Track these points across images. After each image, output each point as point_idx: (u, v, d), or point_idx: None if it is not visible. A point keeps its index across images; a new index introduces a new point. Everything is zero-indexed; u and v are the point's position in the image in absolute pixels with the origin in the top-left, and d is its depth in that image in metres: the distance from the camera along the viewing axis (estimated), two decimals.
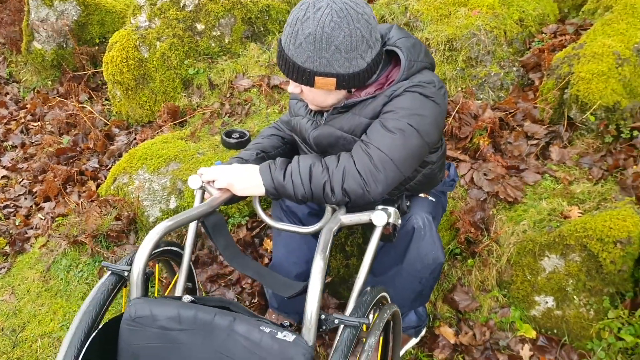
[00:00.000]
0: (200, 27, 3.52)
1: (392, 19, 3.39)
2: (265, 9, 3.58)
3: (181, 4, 3.53)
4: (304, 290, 1.81)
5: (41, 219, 2.96)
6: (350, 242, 2.57)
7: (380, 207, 1.74)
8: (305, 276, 2.15)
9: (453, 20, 3.24)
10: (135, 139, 3.36)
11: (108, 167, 3.26)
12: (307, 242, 2.23)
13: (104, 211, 2.71)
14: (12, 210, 3.09)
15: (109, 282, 1.58)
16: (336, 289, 2.60)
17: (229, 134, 2.90)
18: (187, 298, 1.57)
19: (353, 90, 1.76)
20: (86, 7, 4.22)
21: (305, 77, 1.64)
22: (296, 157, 1.74)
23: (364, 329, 1.51)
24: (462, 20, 3.22)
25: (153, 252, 1.57)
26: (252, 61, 3.48)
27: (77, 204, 2.89)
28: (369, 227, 1.74)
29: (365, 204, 1.70)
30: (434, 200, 2.14)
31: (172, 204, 2.73)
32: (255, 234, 2.75)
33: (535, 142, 2.82)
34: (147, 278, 1.58)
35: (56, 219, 2.90)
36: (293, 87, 1.76)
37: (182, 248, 1.89)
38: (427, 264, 2.00)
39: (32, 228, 2.94)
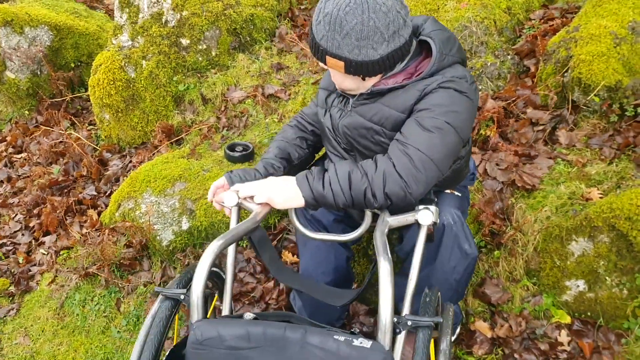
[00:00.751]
0: (185, 42, 3.44)
1: None
2: (249, 18, 3.52)
3: (163, 20, 3.44)
4: (356, 297, 1.79)
5: (44, 254, 2.84)
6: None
7: (421, 206, 1.72)
8: (334, 285, 2.12)
9: (442, 14, 3.24)
10: (131, 162, 3.26)
11: (107, 194, 3.14)
12: (334, 252, 2.19)
13: (112, 239, 2.61)
14: (10, 248, 2.96)
15: (165, 309, 1.52)
16: (363, 295, 2.55)
17: (232, 148, 2.86)
18: (250, 315, 1.52)
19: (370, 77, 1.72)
20: (58, 31, 4.09)
21: (319, 54, 1.67)
22: (332, 165, 1.69)
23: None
24: (452, 14, 3.21)
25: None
26: (243, 72, 3.42)
27: (82, 235, 2.78)
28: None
29: (405, 205, 1.67)
30: (460, 195, 2.12)
31: (185, 225, 2.64)
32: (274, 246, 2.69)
33: (541, 127, 2.83)
34: (206, 300, 1.51)
35: (61, 253, 2.78)
36: (321, 64, 1.75)
37: (220, 269, 1.83)
38: (461, 260, 1.98)
39: (35, 265, 2.81)
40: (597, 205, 2.27)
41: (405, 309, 1.63)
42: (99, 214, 2.99)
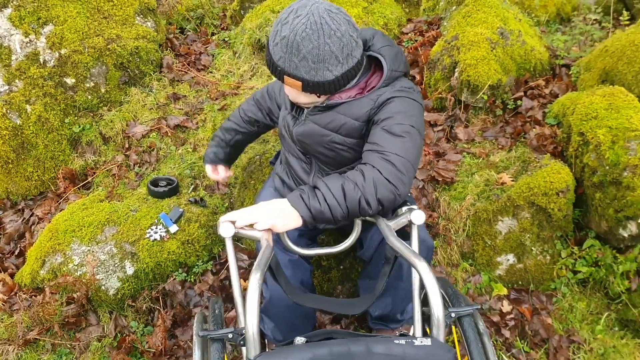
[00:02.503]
0: (70, 81, 3.23)
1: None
2: (134, 51, 3.41)
3: (41, 60, 3.21)
4: (371, 304, 1.87)
5: None
6: (326, 256, 2.62)
7: (404, 208, 1.86)
8: None
9: None
10: (33, 214, 2.98)
11: (14, 253, 2.84)
12: (301, 268, 2.25)
13: (51, 298, 2.39)
14: None
15: (218, 351, 1.47)
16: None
17: (154, 183, 2.79)
18: (301, 340, 1.53)
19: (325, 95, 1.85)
20: None
21: (277, 73, 1.74)
22: (319, 181, 1.74)
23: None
24: None
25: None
26: (139, 106, 3.30)
27: (3, 302, 2.50)
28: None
29: (390, 209, 1.81)
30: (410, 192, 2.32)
31: (130, 270, 2.51)
32: (224, 277, 2.66)
33: (440, 128, 3.15)
34: (262, 334, 1.50)
35: None
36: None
37: None
38: (423, 252, 2.15)
39: None
40: (517, 187, 2.61)
41: (435, 303, 1.70)
42: (11, 276, 2.70)
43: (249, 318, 1.45)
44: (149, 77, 3.48)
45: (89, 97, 3.28)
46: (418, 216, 1.81)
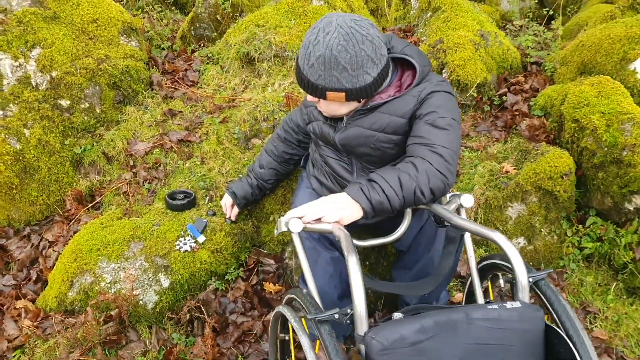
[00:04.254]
0: (65, 103, 3.19)
1: (260, 55, 3.56)
2: (125, 70, 3.40)
3: (33, 84, 3.14)
4: (440, 280, 1.97)
5: None
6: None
7: (448, 195, 1.99)
8: (342, 294, 2.30)
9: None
10: (42, 239, 2.90)
11: (31, 279, 2.76)
12: (341, 265, 2.33)
13: (94, 318, 2.35)
14: None
15: (328, 331, 1.53)
16: None
17: (172, 197, 2.80)
18: (398, 315, 1.62)
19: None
20: None
21: (319, 92, 1.85)
22: (374, 175, 1.82)
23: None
24: None
25: None
26: (137, 124, 3.29)
27: (35, 327, 2.43)
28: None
29: (441, 196, 1.93)
30: None
31: (165, 282, 2.50)
32: (255, 283, 2.69)
33: None
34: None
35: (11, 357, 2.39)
36: (310, 98, 1.96)
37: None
38: (456, 239, 2.29)
39: None
40: (523, 173, 2.80)
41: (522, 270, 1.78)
42: (31, 301, 2.62)
43: (356, 297, 1.52)
44: (142, 95, 3.47)
45: (86, 117, 3.23)
46: (467, 199, 1.94)
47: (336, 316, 1.58)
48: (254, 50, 3.56)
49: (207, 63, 3.83)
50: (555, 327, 1.59)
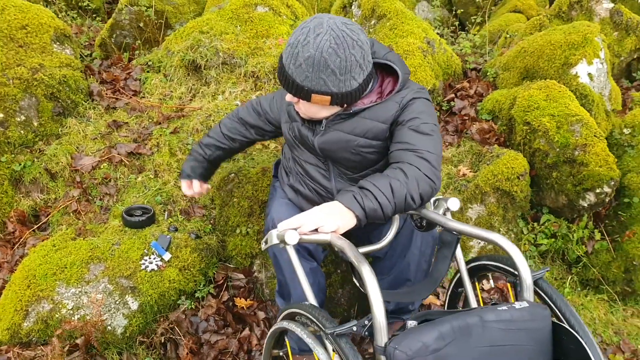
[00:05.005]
0: None
1: (207, 62, 3.45)
2: (63, 80, 3.18)
3: None
4: (437, 285, 1.98)
5: None
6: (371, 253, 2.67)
7: (432, 199, 2.02)
8: (322, 305, 2.28)
9: (267, 51, 3.51)
10: None
11: None
12: (319, 275, 2.32)
13: (59, 348, 2.17)
14: None
15: (348, 343, 1.49)
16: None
17: (129, 213, 2.67)
18: (412, 323, 1.61)
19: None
20: None
21: (303, 94, 1.82)
22: (365, 182, 1.80)
23: None
24: (275, 50, 3.51)
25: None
26: (80, 137, 3.09)
27: None
28: None
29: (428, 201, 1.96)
30: None
31: (134, 304, 2.36)
32: (226, 299, 2.60)
33: None
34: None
35: None
36: (290, 98, 1.93)
37: None
38: (430, 243, 2.33)
39: None
40: (482, 176, 2.89)
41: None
42: None
43: (376, 308, 1.49)
44: (82, 107, 3.26)
45: (22, 131, 2.99)
46: (454, 203, 1.98)
47: (354, 328, 1.54)
48: (200, 57, 3.45)
49: (148, 71, 3.67)
50: (564, 325, 1.64)
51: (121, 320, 2.33)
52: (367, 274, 1.53)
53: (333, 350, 1.57)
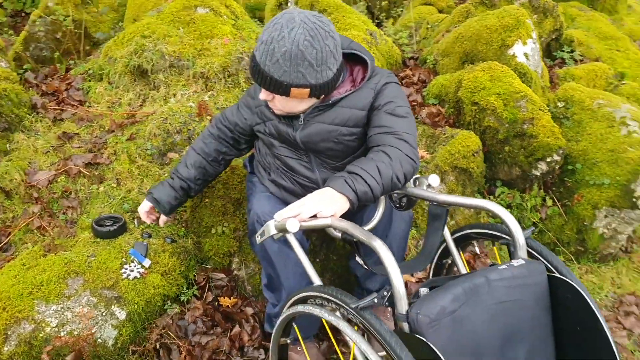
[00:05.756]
0: None
1: (153, 66, 3.39)
2: (4, 94, 3.04)
3: None
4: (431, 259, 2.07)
5: None
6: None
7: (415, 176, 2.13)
8: None
9: (214, 51, 3.50)
10: None
11: None
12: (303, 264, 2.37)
13: None
14: None
15: (372, 314, 1.54)
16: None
17: (99, 224, 2.62)
18: (424, 290, 1.70)
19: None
20: None
21: (282, 89, 1.87)
22: (352, 167, 1.87)
23: None
24: (221, 50, 3.50)
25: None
26: (31, 152, 2.96)
27: None
28: None
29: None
30: None
31: (121, 314, 2.30)
32: (210, 300, 2.59)
33: None
34: None
35: None
36: (265, 95, 1.98)
37: None
38: (408, 223, 2.45)
39: None
40: (440, 155, 3.03)
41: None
42: None
43: (395, 278, 1.55)
44: (27, 120, 3.12)
45: None
46: (434, 179, 2.09)
47: (375, 300, 1.59)
48: (146, 62, 3.38)
49: (89, 80, 3.56)
50: (559, 276, 1.77)
51: (111, 332, 2.27)
52: (380, 246, 1.58)
53: (355, 325, 1.63)
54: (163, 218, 2.53)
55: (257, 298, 2.69)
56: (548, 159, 2.95)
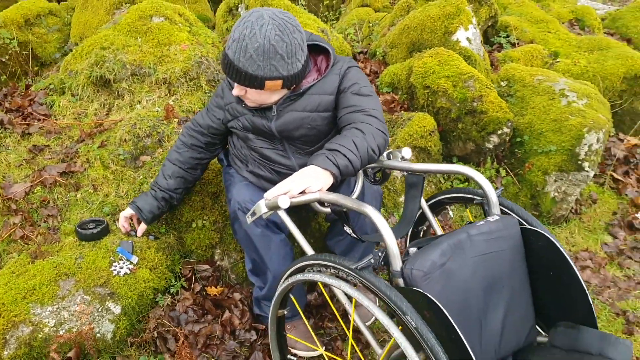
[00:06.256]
0: None
1: (115, 76, 3.47)
2: None
3: None
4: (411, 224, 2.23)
5: None
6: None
7: (384, 153, 2.32)
8: None
9: (173, 57, 3.61)
10: None
11: None
12: (289, 244, 2.52)
13: None
14: None
15: (372, 274, 1.68)
16: None
17: (83, 227, 2.71)
18: (413, 249, 1.87)
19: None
20: None
21: (257, 82, 2.03)
22: (331, 144, 2.01)
23: None
24: (180, 55, 3.62)
25: None
26: (4, 166, 3.01)
27: None
28: None
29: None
30: None
31: (116, 308, 2.40)
32: (198, 290, 2.70)
33: None
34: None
35: None
36: (238, 91, 2.14)
37: None
38: (378, 199, 2.63)
39: None
40: (400, 137, 3.24)
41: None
42: None
43: (388, 239, 1.70)
44: None
45: None
46: (407, 152, 2.29)
47: (372, 260, 1.75)
48: (108, 72, 3.46)
49: (52, 95, 3.61)
50: (532, 227, 1.95)
51: (108, 326, 2.36)
52: (371, 211, 1.73)
53: (354, 285, 1.77)
54: (142, 227, 2.66)
55: (242, 285, 2.83)
56: (499, 132, 3.20)
